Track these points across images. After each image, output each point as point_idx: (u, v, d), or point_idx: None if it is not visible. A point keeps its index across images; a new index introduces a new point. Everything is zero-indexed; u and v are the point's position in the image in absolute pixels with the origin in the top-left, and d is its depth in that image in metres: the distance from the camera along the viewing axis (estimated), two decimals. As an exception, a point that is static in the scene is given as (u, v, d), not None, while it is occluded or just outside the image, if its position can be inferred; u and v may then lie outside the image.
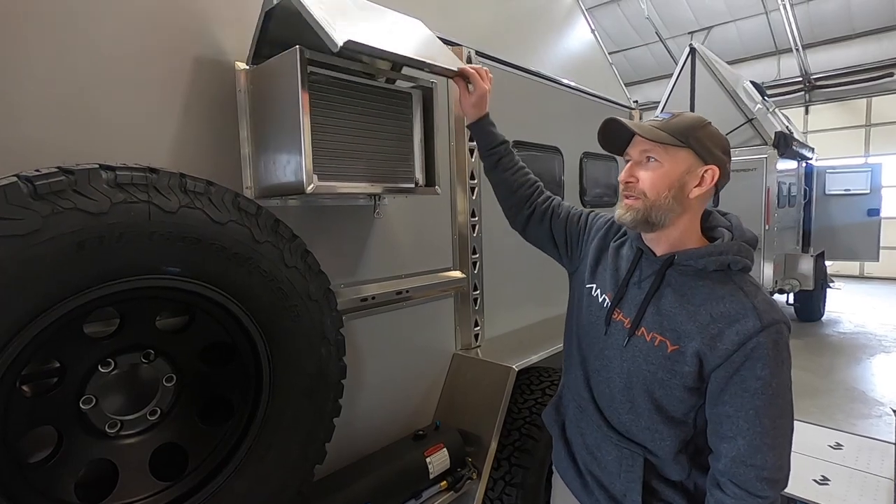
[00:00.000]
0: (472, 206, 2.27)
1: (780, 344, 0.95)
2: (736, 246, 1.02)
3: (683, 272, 1.04)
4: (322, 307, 1.28)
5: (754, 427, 0.94)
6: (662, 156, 1.02)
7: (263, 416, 1.21)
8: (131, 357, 1.11)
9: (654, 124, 1.03)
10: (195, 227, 1.03)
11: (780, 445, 0.96)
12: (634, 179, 1.04)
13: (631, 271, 1.12)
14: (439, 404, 2.20)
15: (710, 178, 1.02)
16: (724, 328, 0.96)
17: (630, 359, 1.07)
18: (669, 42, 11.91)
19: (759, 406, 0.94)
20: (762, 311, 0.95)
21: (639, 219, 1.04)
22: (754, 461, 0.94)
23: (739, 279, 1.01)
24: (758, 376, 0.94)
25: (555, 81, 2.85)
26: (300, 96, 1.28)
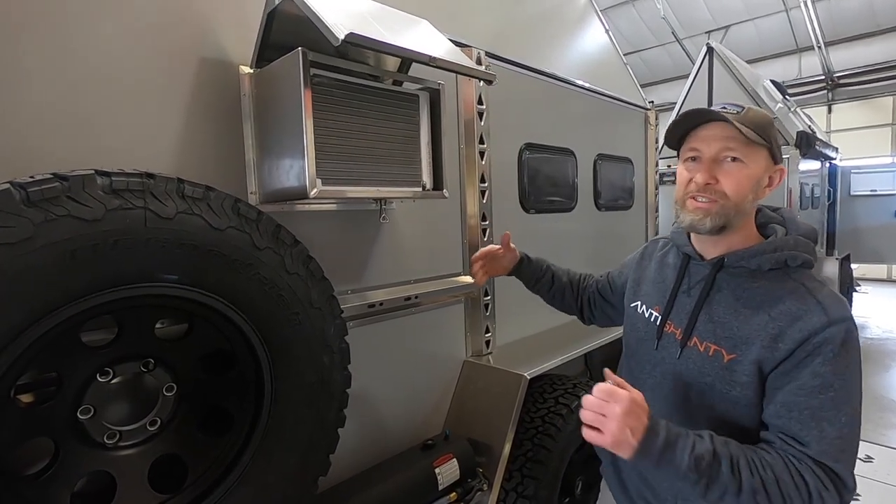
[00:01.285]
0: (482, 209, 2.22)
1: (848, 343, 0.85)
2: (792, 241, 0.94)
3: (736, 274, 0.96)
4: (325, 314, 1.24)
5: (813, 428, 0.83)
6: (746, 154, 0.92)
7: (265, 427, 1.18)
8: (130, 366, 1.08)
9: (732, 117, 0.91)
10: (193, 234, 1.01)
11: (840, 447, 0.83)
12: (714, 180, 0.94)
13: (679, 280, 1.05)
14: (449, 413, 2.16)
15: (778, 177, 0.96)
16: (786, 327, 0.87)
17: (684, 373, 0.99)
18: (686, 42, 11.74)
19: (815, 407, 0.83)
20: (828, 305, 0.87)
21: (719, 224, 0.94)
22: (819, 457, 0.83)
23: (799, 276, 0.93)
24: (816, 373, 0.83)
25: (568, 83, 2.80)
26: (303, 98, 1.26)
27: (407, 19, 1.49)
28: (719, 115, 0.91)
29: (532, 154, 2.53)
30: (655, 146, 3.67)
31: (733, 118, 0.90)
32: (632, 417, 0.82)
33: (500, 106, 2.33)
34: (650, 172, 3.62)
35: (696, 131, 0.96)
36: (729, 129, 0.91)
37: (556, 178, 2.75)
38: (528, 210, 2.52)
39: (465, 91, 2.16)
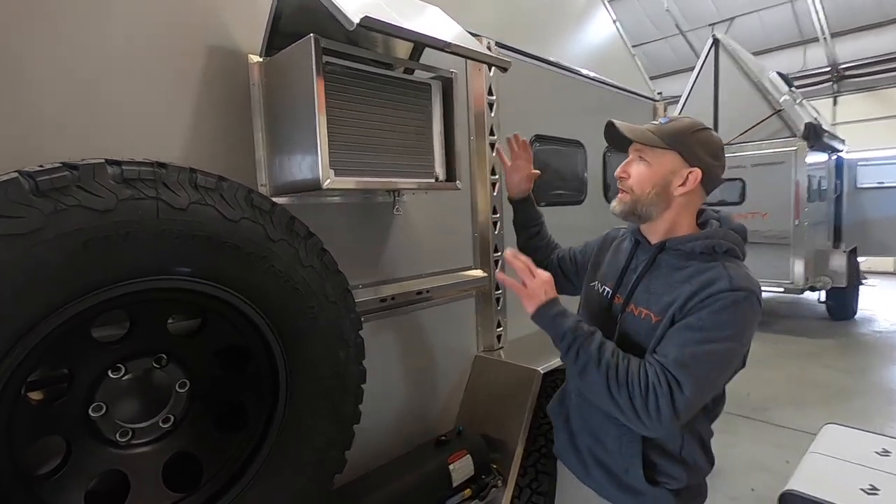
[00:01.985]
0: (493, 202, 2.19)
1: (740, 307, 1.02)
2: (722, 232, 1.13)
3: (673, 255, 1.15)
4: (340, 308, 1.21)
5: (677, 348, 1.02)
6: (650, 156, 1.15)
7: (281, 424, 1.15)
8: (142, 362, 1.05)
9: (649, 128, 1.16)
10: (206, 225, 0.98)
11: (692, 371, 1.00)
12: (626, 175, 1.19)
13: (629, 260, 1.25)
14: (461, 408, 2.13)
15: (693, 178, 1.12)
16: (699, 290, 1.05)
17: (623, 333, 1.17)
18: (690, 35, 11.65)
19: (686, 338, 1.02)
20: (735, 277, 1.04)
21: (626, 210, 1.18)
22: (670, 367, 1.01)
23: (724, 259, 1.10)
24: (700, 317, 1.02)
25: (577, 73, 2.76)
26: (315, 87, 1.22)
27: (418, 5, 1.46)
28: (617, 131, 1.19)
29: (542, 146, 2.49)
30: (664, 138, 3.62)
31: (649, 129, 1.15)
32: (548, 286, 1.19)
33: (510, 97, 2.29)
34: (659, 165, 3.56)
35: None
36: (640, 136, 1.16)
37: (565, 170, 2.71)
38: (538, 202, 2.47)
39: (475, 81, 2.12)
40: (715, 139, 1.17)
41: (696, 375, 1.00)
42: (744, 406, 4.23)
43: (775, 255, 5.97)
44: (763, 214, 5.99)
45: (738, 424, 3.90)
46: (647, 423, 1.02)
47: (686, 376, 1.00)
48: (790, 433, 3.72)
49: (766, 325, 6.75)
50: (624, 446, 1.18)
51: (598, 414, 1.22)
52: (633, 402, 1.02)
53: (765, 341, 6.03)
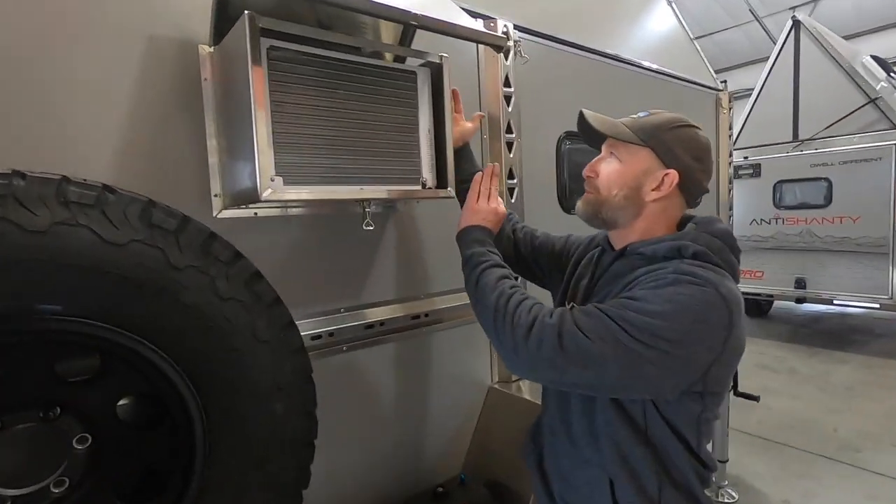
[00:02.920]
0: (511, 209, 1.88)
1: (682, 286, 0.84)
2: (692, 234, 0.96)
3: (632, 261, 1.00)
4: (276, 349, 0.97)
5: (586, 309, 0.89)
6: (623, 153, 1.02)
7: (197, 494, 0.93)
8: (23, 414, 0.86)
9: (625, 121, 1.03)
10: (78, 252, 0.77)
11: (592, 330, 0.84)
12: (594, 174, 1.05)
13: (593, 271, 1.12)
14: (470, 449, 1.84)
15: (668, 182, 0.98)
16: (641, 276, 0.92)
17: None
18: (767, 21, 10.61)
19: (608, 304, 0.89)
20: (688, 269, 0.87)
21: (590, 213, 1.05)
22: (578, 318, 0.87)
23: (688, 261, 0.91)
24: (632, 293, 0.89)
25: (622, 61, 2.39)
26: (251, 76, 1.00)
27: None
28: (585, 122, 1.05)
29: (573, 145, 2.15)
30: (729, 133, 3.14)
31: (624, 121, 1.03)
32: (495, 216, 1.20)
33: (535, 89, 1.98)
34: (723, 163, 3.10)
35: None
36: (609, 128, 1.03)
37: (604, 172, 2.35)
38: (567, 210, 2.15)
39: (489, 71, 1.83)
40: (701, 139, 1.02)
41: (600, 332, 0.83)
42: (828, 444, 3.61)
43: (869, 265, 5.18)
44: (854, 219, 5.21)
45: (820, 467, 3.32)
46: (521, 346, 0.88)
47: (586, 320, 0.86)
48: (891, 483, 3.10)
49: (859, 346, 5.89)
50: (594, 491, 1.01)
51: (567, 456, 1.08)
52: (514, 322, 0.90)
53: (858, 366, 5.24)
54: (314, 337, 1.40)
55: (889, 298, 5.13)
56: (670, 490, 0.96)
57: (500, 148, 1.84)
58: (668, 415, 0.92)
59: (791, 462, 3.39)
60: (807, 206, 5.50)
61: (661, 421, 0.93)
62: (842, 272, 5.38)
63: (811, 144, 5.49)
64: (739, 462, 3.31)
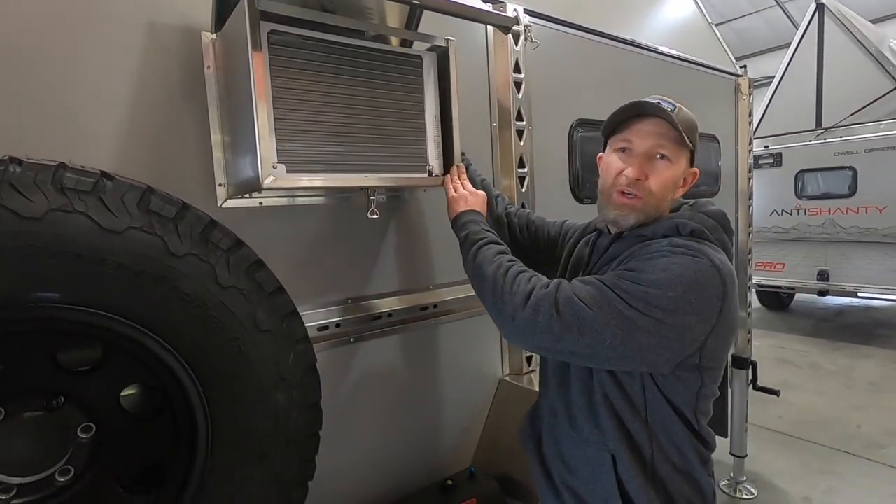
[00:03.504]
0: (521, 199, 1.85)
1: (677, 256, 0.86)
2: (689, 214, 0.98)
3: (631, 242, 0.99)
4: (278, 339, 0.96)
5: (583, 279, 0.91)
6: (674, 154, 0.97)
7: (199, 486, 0.92)
8: (27, 403, 0.86)
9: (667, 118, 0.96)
10: (74, 239, 0.76)
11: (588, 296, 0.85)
12: (645, 177, 0.97)
13: (590, 254, 1.11)
14: (480, 442, 1.82)
15: (691, 179, 1.02)
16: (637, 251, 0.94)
17: None
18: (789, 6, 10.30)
19: (603, 277, 0.89)
20: (682, 243, 0.89)
21: (641, 220, 0.99)
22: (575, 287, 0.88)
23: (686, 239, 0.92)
24: (628, 265, 0.90)
25: (635, 45, 2.32)
26: (251, 61, 0.98)
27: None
28: (663, 112, 0.94)
29: (586, 132, 2.10)
30: (749, 120, 3.04)
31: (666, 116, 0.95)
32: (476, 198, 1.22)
33: (547, 75, 1.93)
34: (742, 152, 3.01)
35: (630, 123, 0.98)
36: (664, 126, 0.94)
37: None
38: (581, 199, 2.10)
39: (498, 57, 1.79)
40: None
41: (596, 295, 0.85)
42: (852, 441, 3.51)
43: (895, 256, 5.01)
44: (881, 209, 5.04)
45: (843, 463, 3.22)
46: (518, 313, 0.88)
47: (583, 288, 0.87)
48: (916, 481, 3.00)
49: (884, 340, 5.72)
50: (596, 470, 1.01)
51: (567, 438, 1.07)
52: (513, 290, 0.91)
53: (883, 360, 5.08)
54: (321, 328, 1.38)
55: (917, 291, 4.97)
56: (670, 466, 0.97)
57: (510, 136, 1.80)
58: (667, 391, 0.93)
59: (812, 459, 3.30)
60: (830, 195, 5.33)
61: (660, 397, 0.93)
62: (867, 264, 5.21)
63: (835, 132, 5.32)
64: (759, 458, 3.23)
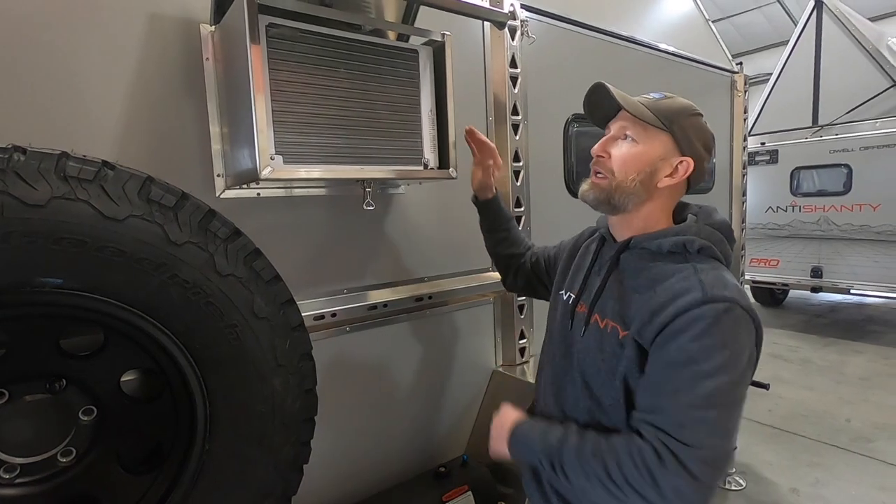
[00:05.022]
0: (516, 193, 1.87)
1: (723, 322, 0.83)
2: (695, 228, 0.97)
3: (638, 255, 0.99)
4: (275, 326, 0.98)
5: (670, 400, 0.83)
6: (641, 135, 0.97)
7: (197, 467, 0.95)
8: (30, 385, 0.89)
9: (641, 101, 0.98)
10: (76, 226, 0.78)
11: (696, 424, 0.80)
12: (606, 155, 0.99)
13: (593, 261, 1.09)
14: (473, 431, 1.85)
15: (683, 169, 0.97)
16: (666, 303, 0.87)
17: (585, 349, 1.00)
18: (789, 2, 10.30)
19: (676, 380, 0.83)
20: (709, 285, 0.86)
21: (601, 198, 1.00)
22: (668, 429, 0.82)
23: (697, 260, 0.93)
24: (681, 348, 0.83)
25: (630, 41, 2.34)
26: (249, 54, 1.00)
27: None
28: (605, 91, 0.97)
29: (581, 127, 2.12)
30: (744, 117, 3.07)
31: (642, 102, 0.97)
32: (505, 420, 1.04)
33: (543, 70, 1.95)
34: (736, 148, 3.03)
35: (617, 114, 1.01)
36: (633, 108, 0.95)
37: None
38: (575, 194, 2.11)
39: (494, 52, 1.80)
40: (709, 129, 1.02)
41: (705, 430, 0.81)
42: (840, 435, 3.57)
43: (888, 254, 5.06)
44: (874, 206, 5.08)
45: (830, 457, 3.28)
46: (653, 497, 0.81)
47: (692, 435, 0.80)
48: (901, 473, 3.06)
49: (876, 336, 5.78)
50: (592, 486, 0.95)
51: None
52: (646, 497, 0.81)
53: (874, 356, 5.14)
54: (317, 317, 1.41)
55: (908, 288, 5.02)
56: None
57: (505, 130, 1.82)
58: None
59: (801, 451, 3.36)
60: (825, 193, 5.37)
61: None
62: (860, 261, 5.26)
63: (831, 130, 5.35)
64: (748, 450, 3.29)
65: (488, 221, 1.45)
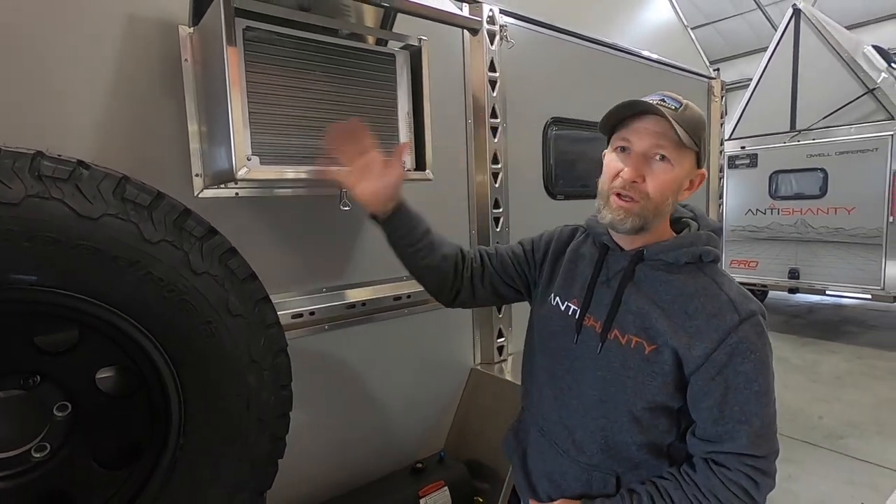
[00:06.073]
0: (494, 194, 1.91)
1: (762, 336, 0.91)
2: (704, 236, 0.97)
3: (655, 267, 0.96)
4: (250, 323, 1.01)
5: (742, 424, 0.88)
6: (675, 156, 0.90)
7: (172, 462, 0.96)
8: (4, 381, 0.90)
9: (669, 113, 0.88)
10: (50, 224, 0.80)
11: (769, 433, 0.89)
12: (641, 179, 0.91)
13: (597, 270, 1.02)
14: (451, 429, 1.89)
15: (699, 181, 0.97)
16: (702, 325, 0.89)
17: (605, 366, 0.96)
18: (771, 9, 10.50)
19: (743, 402, 0.88)
20: (738, 302, 0.90)
21: (638, 225, 0.92)
22: (747, 451, 0.88)
23: (711, 271, 0.96)
24: (738, 371, 0.88)
25: (608, 46, 2.39)
26: (226, 57, 1.02)
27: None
28: (658, 110, 0.88)
29: (560, 130, 2.17)
30: (721, 122, 3.14)
31: (671, 115, 0.88)
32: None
33: (522, 74, 1.99)
34: (713, 152, 3.10)
35: (630, 121, 0.93)
36: (664, 125, 0.88)
37: (589, 158, 2.36)
38: (554, 196, 2.17)
39: (474, 56, 1.84)
40: None
41: (771, 435, 0.90)
42: (813, 432, 3.66)
43: (861, 256, 5.19)
44: (849, 210, 5.21)
45: (803, 452, 3.37)
46: None
47: (766, 445, 0.89)
48: (870, 468, 3.15)
49: (851, 336, 5.93)
50: (593, 487, 0.99)
51: (560, 456, 1.04)
52: None
53: (848, 356, 5.27)
54: (295, 315, 1.43)
55: (881, 290, 5.15)
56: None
57: (484, 132, 1.86)
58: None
59: (775, 448, 3.44)
60: (802, 196, 5.49)
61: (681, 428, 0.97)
62: (835, 263, 5.39)
63: (808, 135, 5.47)
64: (724, 447, 3.36)
65: (402, 236, 1.15)
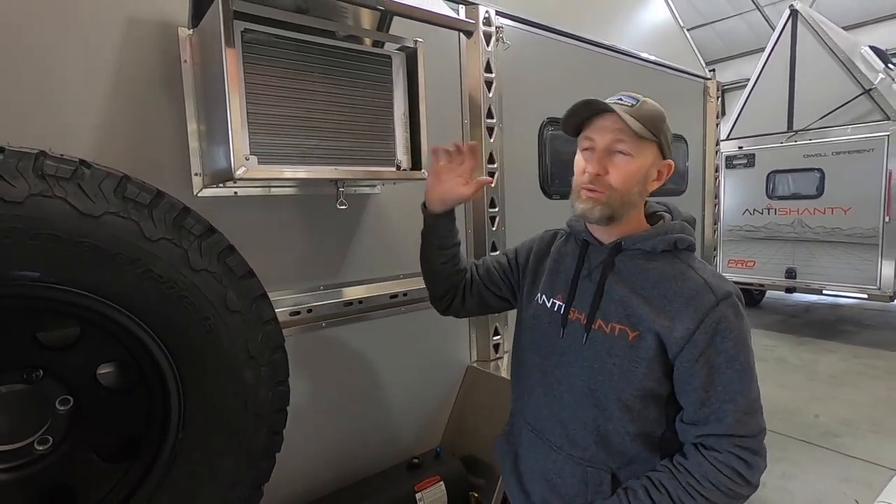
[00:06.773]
0: (490, 194, 1.93)
1: (739, 314, 0.94)
2: (678, 225, 1.03)
3: (633, 256, 1.01)
4: (248, 320, 1.03)
5: (727, 403, 0.91)
6: (634, 148, 0.96)
7: (171, 456, 0.98)
8: (7, 376, 0.92)
9: (623, 111, 0.94)
10: (53, 222, 0.82)
11: (754, 411, 0.93)
12: (605, 172, 0.97)
13: (579, 265, 1.07)
14: (448, 425, 1.91)
15: (666, 172, 1.02)
16: (681, 307, 0.93)
17: (592, 356, 0.99)
18: (769, 10, 10.53)
19: (727, 381, 0.91)
20: (714, 284, 0.95)
21: (606, 214, 0.98)
22: (735, 431, 0.91)
23: (686, 258, 1.01)
24: (719, 350, 0.92)
25: (604, 47, 2.41)
26: (225, 58, 1.04)
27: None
28: (608, 107, 0.94)
29: (556, 130, 2.19)
30: (717, 122, 3.17)
31: (625, 111, 0.93)
32: None
33: (518, 75, 2.01)
34: (709, 152, 3.13)
35: (592, 121, 0.98)
36: (620, 121, 0.93)
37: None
38: (550, 195, 2.19)
39: (470, 56, 1.86)
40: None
41: (758, 411, 0.93)
42: (809, 430, 3.68)
43: (858, 256, 5.22)
44: (845, 210, 5.24)
45: (799, 451, 3.39)
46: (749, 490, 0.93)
47: (754, 423, 0.92)
48: (865, 466, 3.17)
49: (848, 336, 5.95)
50: (591, 489, 1.00)
51: (554, 453, 1.05)
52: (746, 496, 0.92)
53: (845, 355, 5.30)
54: (293, 312, 1.45)
55: (877, 289, 5.18)
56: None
57: (480, 133, 1.88)
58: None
59: (770, 446, 3.39)
60: (799, 196, 5.52)
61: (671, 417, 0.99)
62: (831, 262, 5.42)
63: (805, 135, 5.50)
64: (720, 445, 3.38)
65: (440, 237, 1.18)
